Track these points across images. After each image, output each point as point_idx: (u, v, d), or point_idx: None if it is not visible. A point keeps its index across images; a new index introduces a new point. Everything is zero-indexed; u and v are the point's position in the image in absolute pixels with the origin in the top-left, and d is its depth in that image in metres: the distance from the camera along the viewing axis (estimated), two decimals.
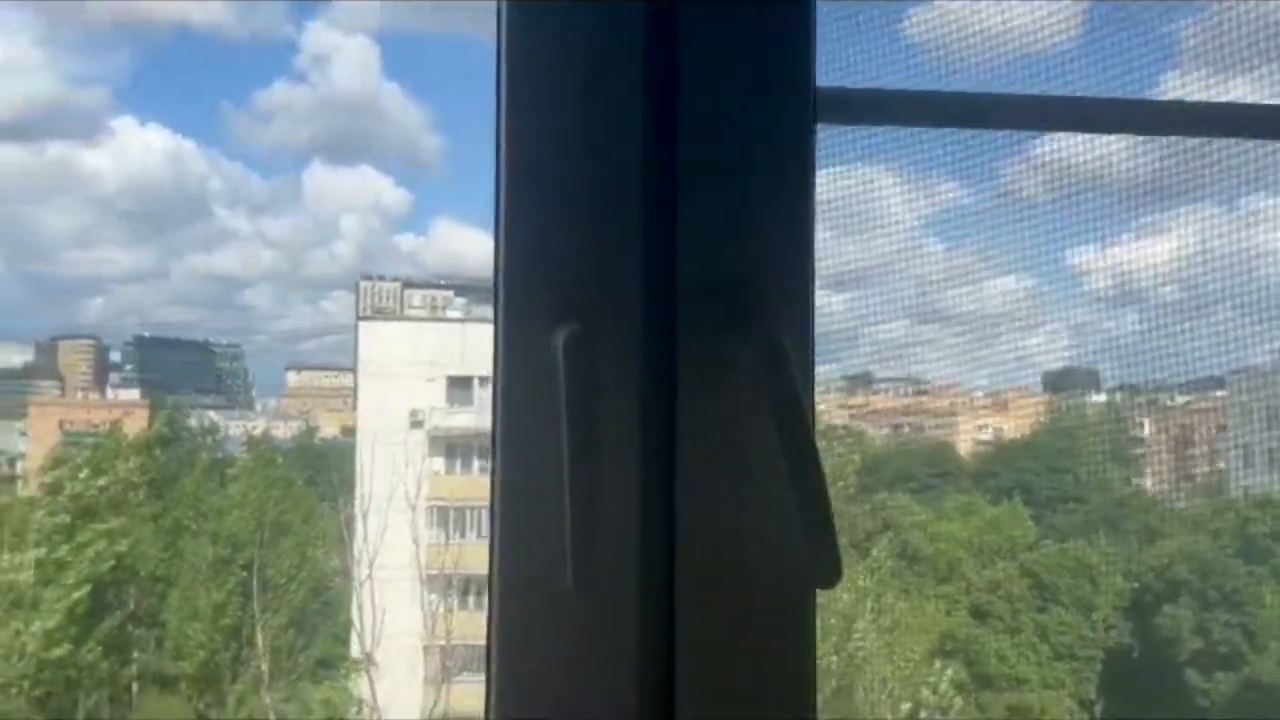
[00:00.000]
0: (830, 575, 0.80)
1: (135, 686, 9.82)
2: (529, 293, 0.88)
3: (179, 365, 15.66)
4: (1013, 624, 7.31)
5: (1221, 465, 7.41)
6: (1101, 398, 7.30)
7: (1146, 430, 7.50)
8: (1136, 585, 7.51)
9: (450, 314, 11.90)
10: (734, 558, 0.86)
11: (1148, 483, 7.84)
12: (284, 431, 13.09)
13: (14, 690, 8.63)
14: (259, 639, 9.80)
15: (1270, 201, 1.49)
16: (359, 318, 11.61)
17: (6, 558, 8.95)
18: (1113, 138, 1.45)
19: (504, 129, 0.86)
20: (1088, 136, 1.31)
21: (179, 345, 16.25)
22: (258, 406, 14.66)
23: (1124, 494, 7.66)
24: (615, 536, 0.84)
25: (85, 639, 9.09)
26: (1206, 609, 7.09)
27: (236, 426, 13.02)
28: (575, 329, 0.82)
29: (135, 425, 11.32)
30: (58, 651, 8.87)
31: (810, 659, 0.89)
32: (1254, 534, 7.22)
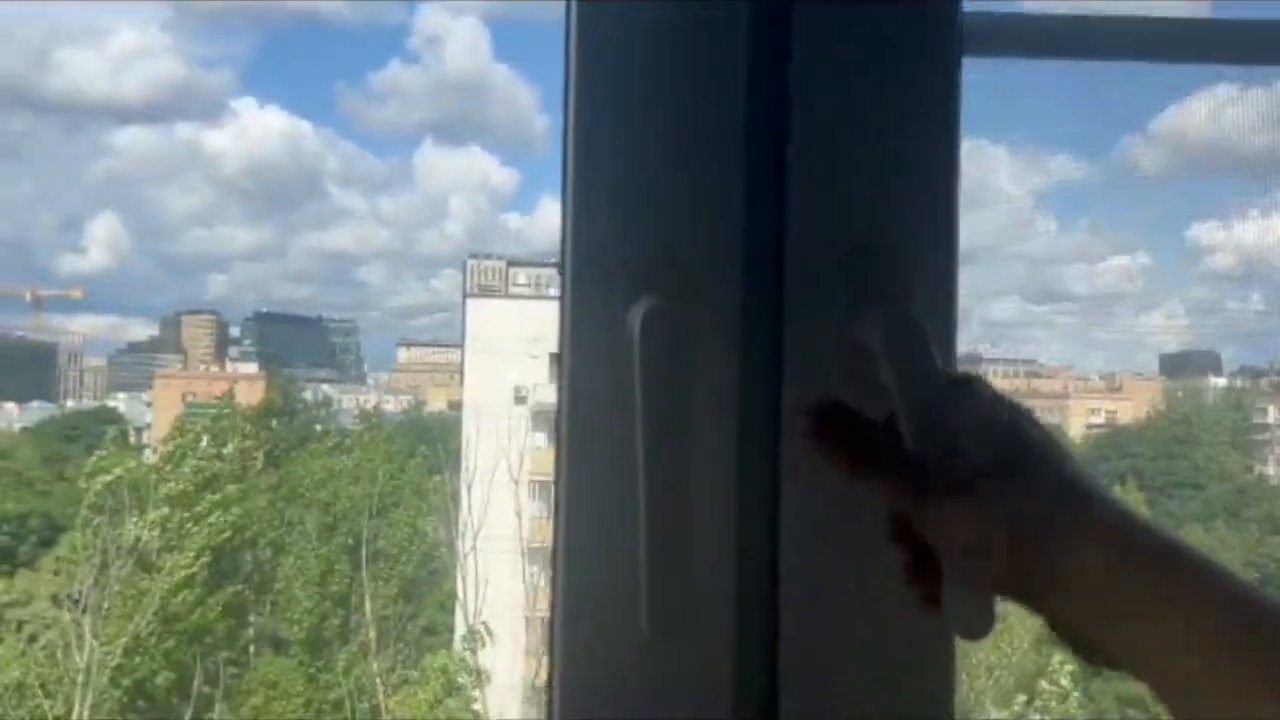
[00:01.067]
0: (975, 624, 0.55)
1: (252, 649, 10.20)
2: (603, 264, 0.72)
3: (295, 340, 16.16)
4: None
5: None
6: (1222, 381, 7.04)
7: (1270, 416, 7.20)
8: (1257, 576, 7.25)
9: (553, 292, 12.00)
10: (853, 589, 0.69)
11: (1270, 470, 7.54)
12: (394, 405, 13.42)
13: (144, 644, 9.04)
14: (367, 607, 10.09)
15: None
16: (466, 295, 11.80)
17: (134, 522, 9.36)
18: (1239, 109, 1.39)
19: (575, 85, 0.71)
20: (1213, 108, 1.26)
21: (295, 321, 16.75)
22: (369, 380, 15.06)
23: (1245, 481, 7.38)
24: (704, 568, 0.66)
25: (205, 601, 9.47)
26: None
27: (349, 400, 13.39)
28: (657, 304, 0.66)
29: (253, 397, 11.72)
30: (181, 611, 9.27)
31: (948, 706, 0.72)
32: None
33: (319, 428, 11.63)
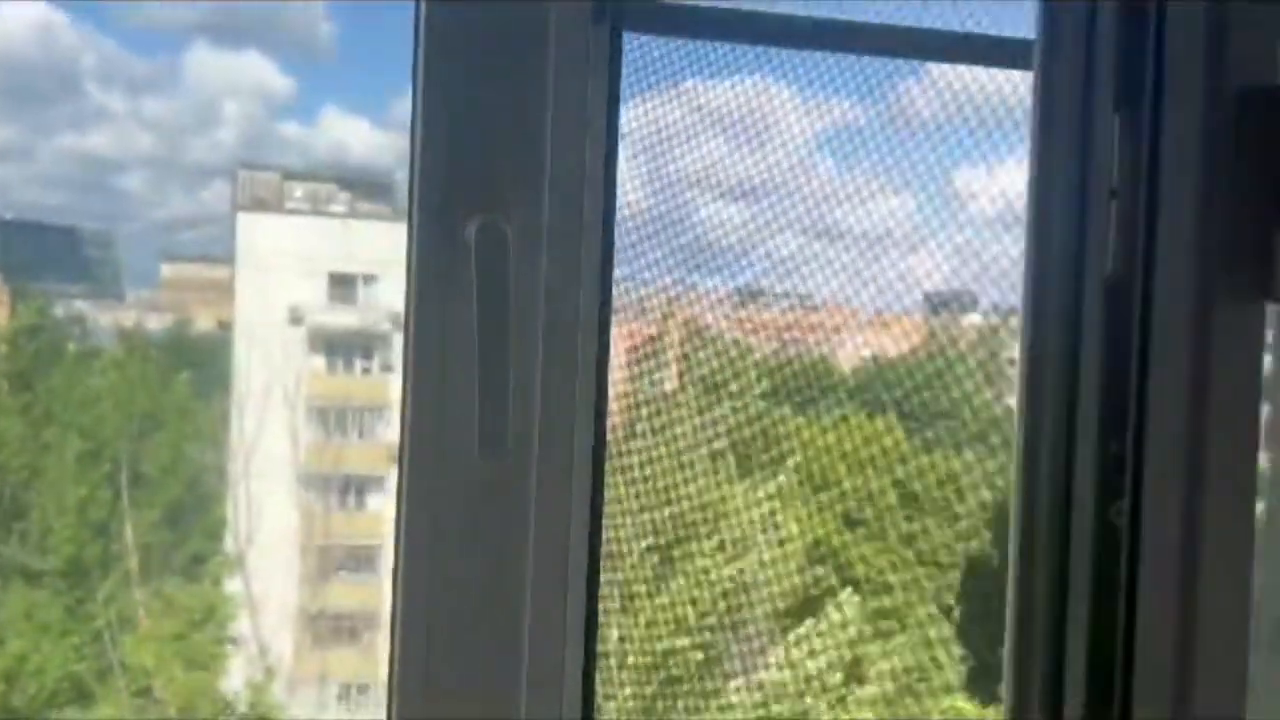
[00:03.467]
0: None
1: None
2: (442, 185, 0.93)
3: (44, 251, 14.96)
4: (880, 531, 7.59)
5: None
6: (977, 319, 7.54)
7: (1017, 352, 7.78)
8: (1000, 498, 7.85)
9: (334, 208, 11.59)
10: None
11: (1013, 403, 8.18)
12: (157, 323, 12.67)
13: None
14: (127, 534, 9.61)
15: None
16: (237, 208, 11.22)
17: None
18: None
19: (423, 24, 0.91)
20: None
21: (45, 230, 15.50)
22: (129, 297, 14.13)
23: (994, 412, 7.97)
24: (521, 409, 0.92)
25: None
26: None
27: (106, 317, 12.54)
28: (487, 220, 0.90)
29: None
30: None
31: None
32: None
33: (72, 346, 10.87)
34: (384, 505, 10.38)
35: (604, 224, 0.98)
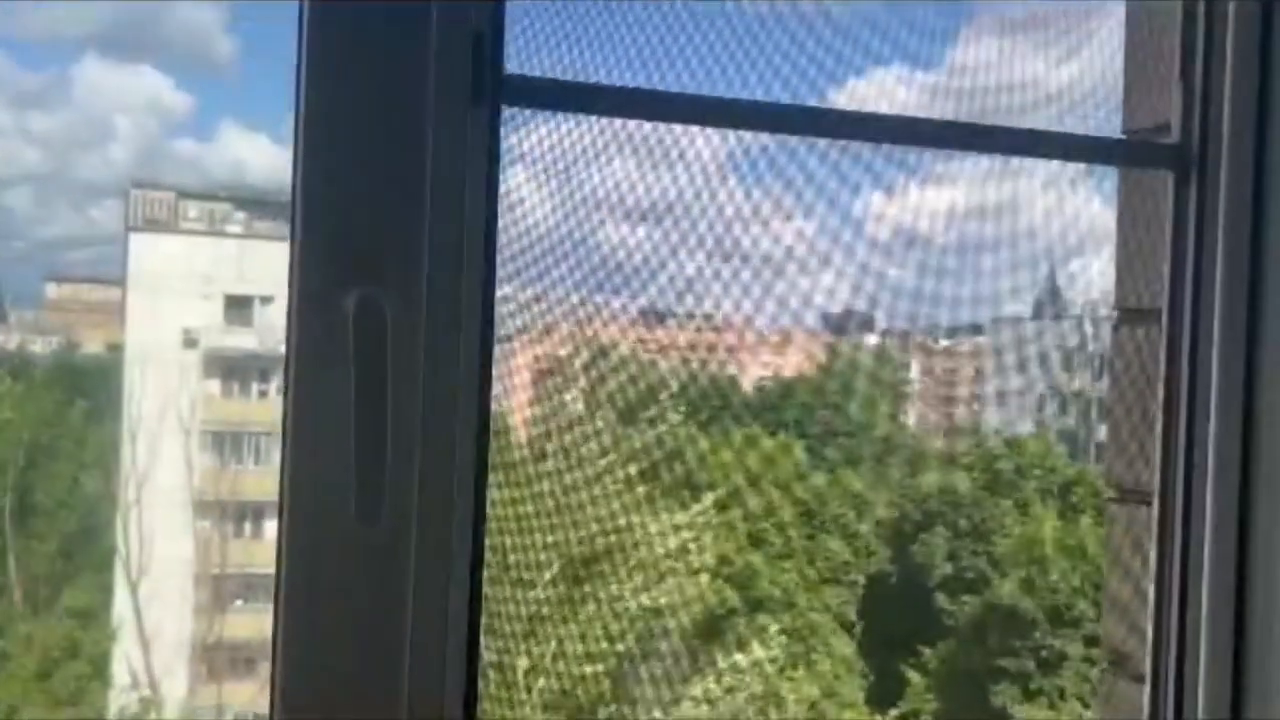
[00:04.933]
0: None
1: None
2: (321, 259, 0.96)
3: None
4: (784, 550, 7.68)
5: (977, 407, 7.97)
6: (875, 339, 7.70)
7: (913, 371, 7.96)
8: (897, 514, 8.02)
9: (230, 229, 11.35)
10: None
11: (911, 419, 8.36)
12: (41, 347, 12.22)
13: None
14: (11, 567, 9.23)
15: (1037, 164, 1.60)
16: (129, 228, 10.90)
17: None
18: (912, 91, 1.52)
19: (304, 98, 0.94)
20: (886, 89, 1.38)
21: None
22: (11, 319, 13.61)
23: (890, 430, 8.14)
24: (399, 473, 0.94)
25: None
26: (957, 538, 7.65)
27: None
28: (366, 293, 0.93)
29: None
30: None
31: None
32: (1000, 470, 7.82)
33: None
34: None
35: (484, 292, 1.00)
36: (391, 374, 0.92)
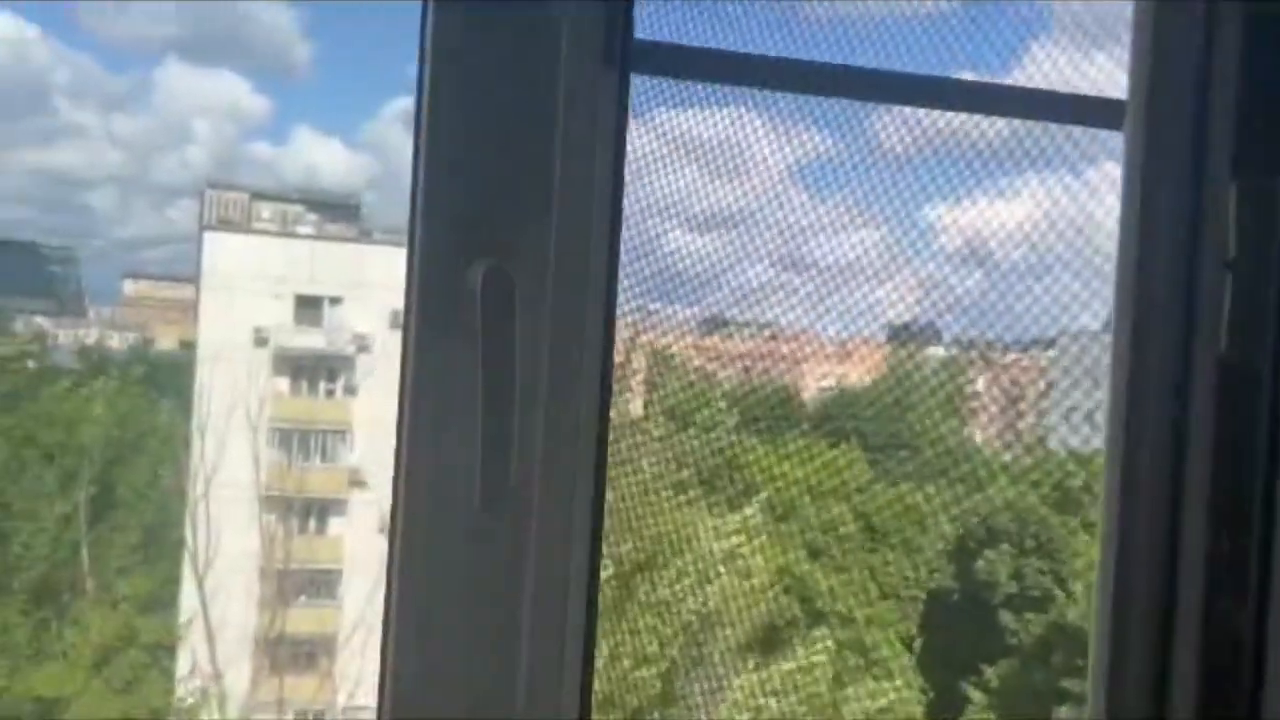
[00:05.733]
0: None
1: None
2: (445, 228, 0.88)
3: (5, 266, 14.78)
4: (844, 562, 7.62)
5: (1046, 422, 7.85)
6: (940, 352, 7.61)
7: (979, 385, 7.85)
8: (961, 531, 7.91)
9: (301, 230, 11.54)
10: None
11: (977, 434, 8.25)
12: (118, 342, 12.53)
13: None
14: (84, 556, 9.46)
15: (1110, 174, 1.56)
16: (203, 227, 11.14)
17: None
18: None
19: (430, 48, 0.87)
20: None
21: (5, 244, 15.31)
22: (90, 314, 13.97)
23: (954, 444, 8.03)
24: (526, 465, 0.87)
25: None
26: (1023, 555, 7.53)
27: (66, 334, 12.40)
28: (493, 265, 0.85)
29: None
30: None
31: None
32: (1070, 487, 7.67)
33: (31, 364, 10.71)
34: (345, 529, 10.28)
35: (608, 270, 0.93)
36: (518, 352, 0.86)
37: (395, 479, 0.88)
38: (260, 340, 10.42)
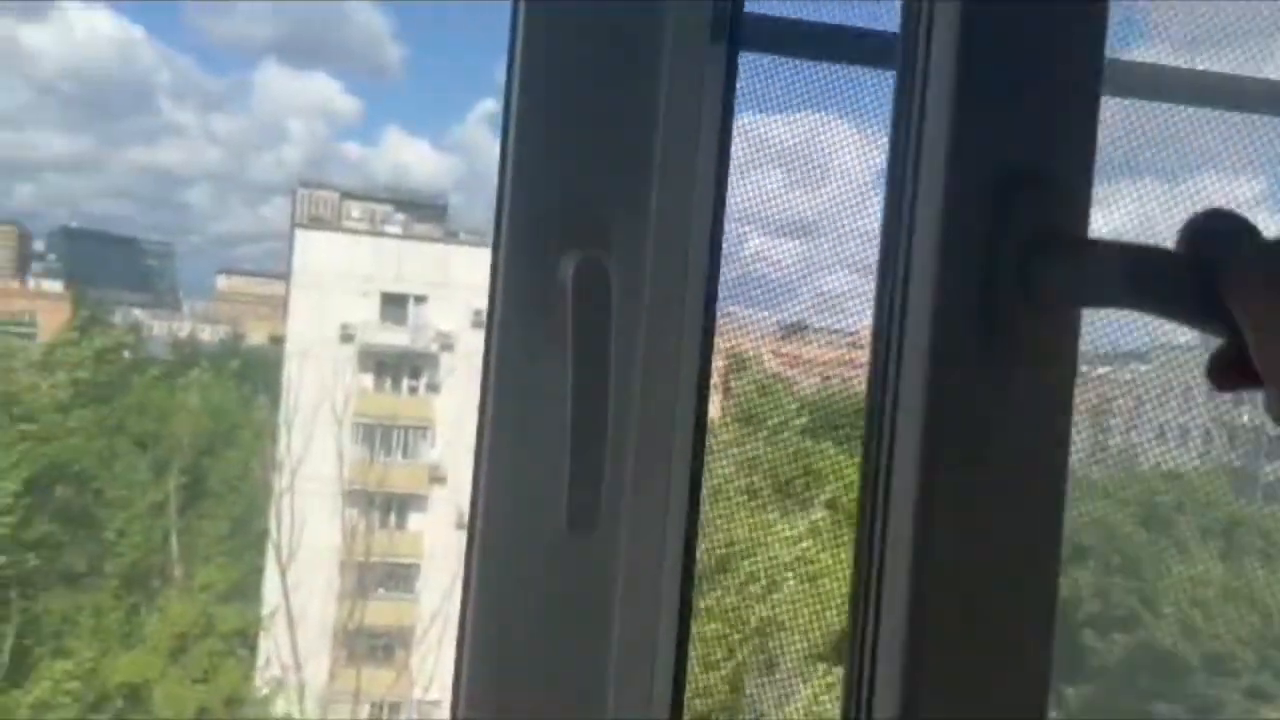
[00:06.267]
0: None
1: (63, 583, 9.66)
2: (534, 215, 0.78)
3: (105, 260, 15.27)
4: None
5: (1136, 438, 7.63)
6: None
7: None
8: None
9: (389, 229, 11.73)
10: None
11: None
12: (210, 335, 12.87)
13: None
14: (174, 545, 9.72)
15: (1214, 181, 1.51)
16: (295, 225, 11.38)
17: None
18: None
19: (522, 26, 0.77)
20: None
21: (107, 239, 15.82)
22: (185, 308, 14.38)
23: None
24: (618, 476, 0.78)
25: (17, 536, 8.88)
26: (1108, 574, 7.33)
27: (161, 326, 12.77)
28: (587, 257, 0.74)
29: (57, 318, 11.04)
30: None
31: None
32: (1159, 504, 7.45)
33: (127, 355, 11.05)
34: (424, 525, 10.41)
35: (710, 260, 0.83)
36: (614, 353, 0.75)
37: (473, 499, 0.80)
38: (347, 337, 10.62)
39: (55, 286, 12.63)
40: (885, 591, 0.80)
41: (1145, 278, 0.61)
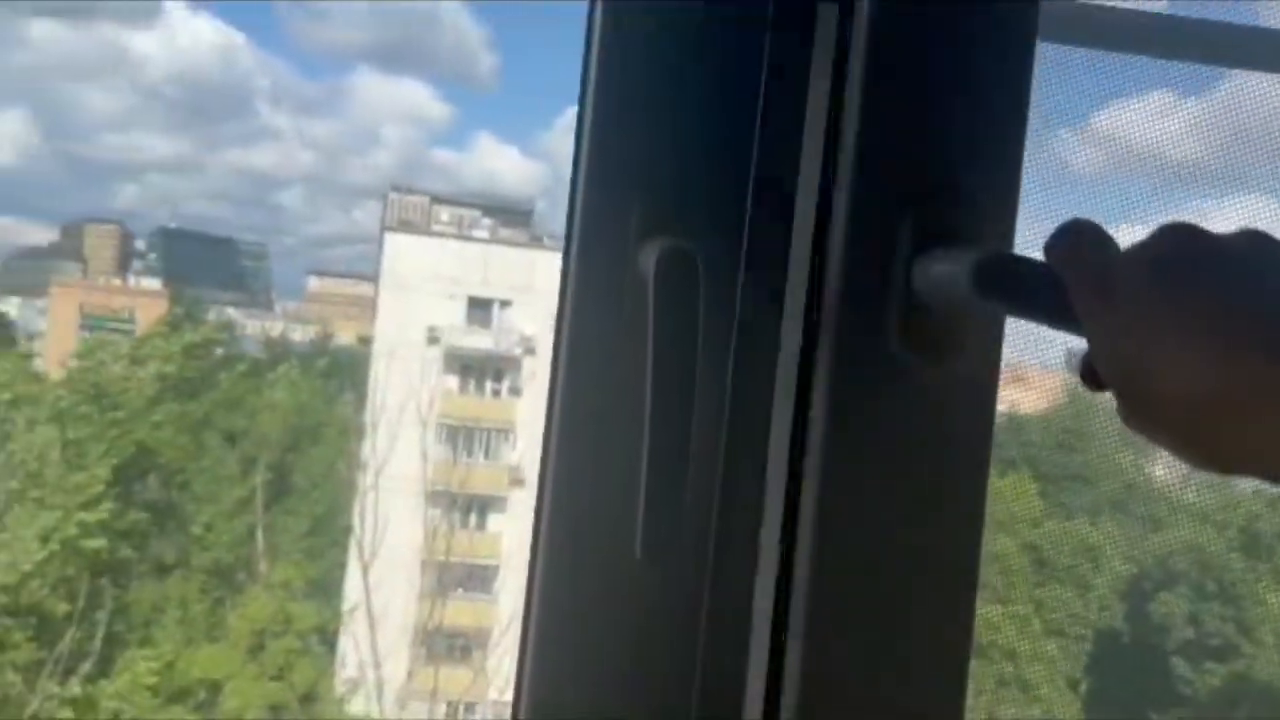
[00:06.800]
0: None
1: (152, 573, 9.92)
2: (611, 198, 0.67)
3: (202, 259, 15.71)
4: (1007, 595, 7.34)
5: None
6: None
7: None
8: (1135, 570, 7.52)
9: (476, 233, 11.86)
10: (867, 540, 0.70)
11: (1159, 470, 7.82)
12: (300, 335, 13.15)
13: (43, 569, 8.67)
14: (259, 540, 9.93)
15: None
16: (384, 228, 11.58)
17: (23, 439, 9.02)
18: (1171, 118, 1.39)
19: (599, 23, 0.68)
20: (1154, 113, 1.26)
21: (205, 239, 16.28)
22: (277, 308, 14.72)
23: (1134, 479, 7.63)
24: (696, 501, 0.67)
25: (107, 526, 9.14)
26: (1203, 600, 7.09)
27: (254, 325, 13.09)
28: (673, 244, 0.64)
29: (154, 315, 11.38)
30: (90, 539, 8.93)
31: (960, 672, 0.72)
32: (1259, 531, 7.19)
33: (220, 352, 11.34)
34: (504, 526, 10.50)
35: (813, 253, 0.70)
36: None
37: (535, 522, 0.70)
38: (433, 339, 10.76)
39: (154, 284, 13.02)
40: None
41: (991, 276, 0.59)
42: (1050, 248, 0.54)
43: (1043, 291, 0.55)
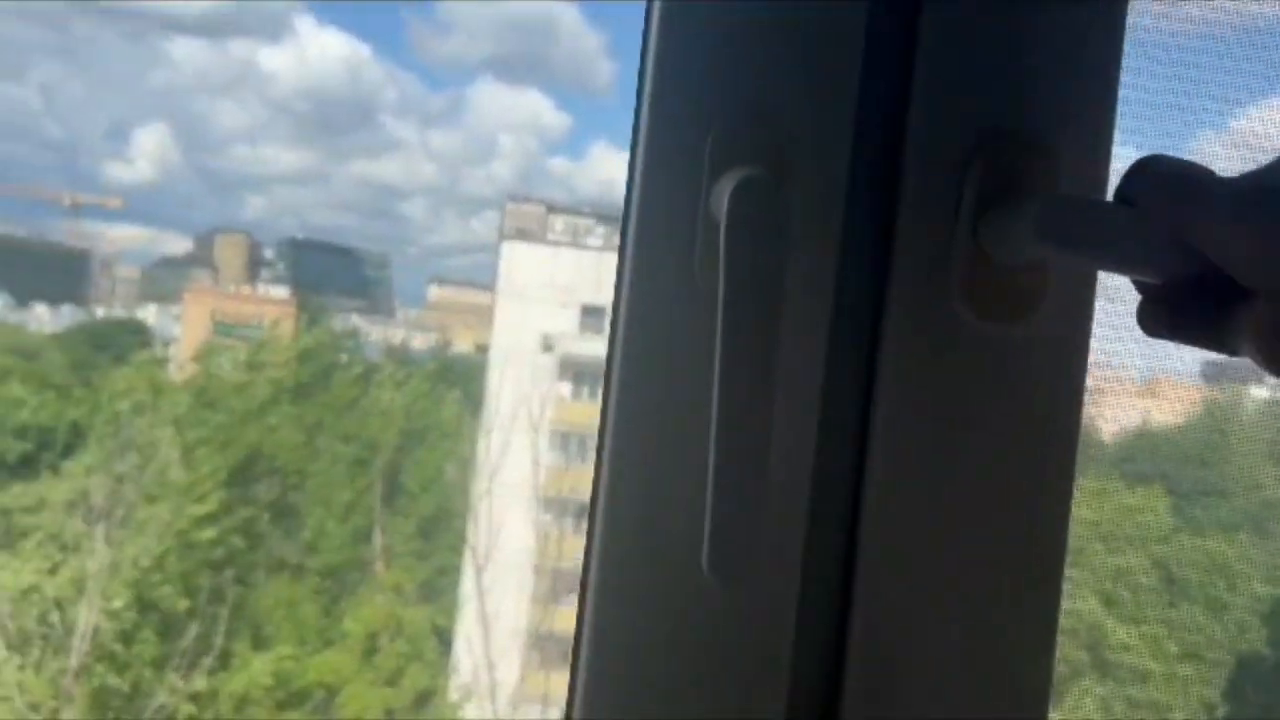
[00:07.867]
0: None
1: (266, 573, 10.23)
2: (683, 127, 0.54)
3: (328, 268, 16.16)
4: (1138, 614, 7.01)
5: None
6: (1263, 393, 6.89)
7: None
8: (1276, 591, 7.11)
9: (590, 242, 11.93)
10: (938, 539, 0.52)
11: None
12: (420, 342, 13.41)
13: (161, 564, 9.00)
14: (376, 540, 10.13)
15: None
16: (502, 238, 11.73)
17: (155, 437, 9.38)
18: None
19: None
20: None
21: (330, 249, 16.74)
22: (399, 316, 15.06)
23: (1274, 494, 7.24)
24: (776, 508, 0.54)
25: (223, 522, 9.45)
26: None
27: (376, 333, 13.40)
28: (752, 175, 0.49)
29: (282, 323, 11.74)
30: (205, 534, 9.25)
31: (1045, 678, 0.56)
32: None
33: (344, 357, 11.64)
34: None
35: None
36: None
37: (589, 534, 0.57)
38: (547, 346, 10.84)
39: (282, 293, 13.45)
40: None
41: (1056, 219, 0.50)
42: (1145, 183, 0.46)
43: (1117, 233, 0.47)
